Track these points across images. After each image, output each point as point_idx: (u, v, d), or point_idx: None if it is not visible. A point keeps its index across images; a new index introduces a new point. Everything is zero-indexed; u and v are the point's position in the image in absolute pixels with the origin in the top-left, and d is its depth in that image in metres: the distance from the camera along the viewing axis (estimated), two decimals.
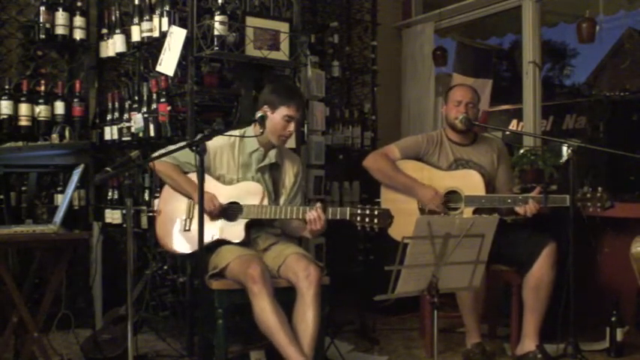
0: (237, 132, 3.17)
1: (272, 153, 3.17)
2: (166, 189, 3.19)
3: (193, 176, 3.07)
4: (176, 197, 3.13)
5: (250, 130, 3.18)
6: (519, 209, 3.30)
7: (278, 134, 3.10)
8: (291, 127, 3.10)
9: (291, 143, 3.76)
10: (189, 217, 3.08)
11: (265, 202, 3.04)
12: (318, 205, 2.96)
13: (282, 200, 3.19)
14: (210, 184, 3.02)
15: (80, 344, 3.41)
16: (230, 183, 3.11)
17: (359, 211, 2.90)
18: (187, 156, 3.03)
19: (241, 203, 3.04)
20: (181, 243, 3.09)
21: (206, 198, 2.78)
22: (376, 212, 2.88)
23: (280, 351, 2.77)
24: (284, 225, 3.20)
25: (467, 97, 3.53)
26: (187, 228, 3.08)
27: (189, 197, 3.08)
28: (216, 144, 3.08)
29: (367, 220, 2.88)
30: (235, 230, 3.04)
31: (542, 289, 3.30)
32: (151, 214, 3.71)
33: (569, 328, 3.20)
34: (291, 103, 3.08)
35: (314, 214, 2.93)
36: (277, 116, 3.08)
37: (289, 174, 3.24)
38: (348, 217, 2.92)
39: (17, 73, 4.08)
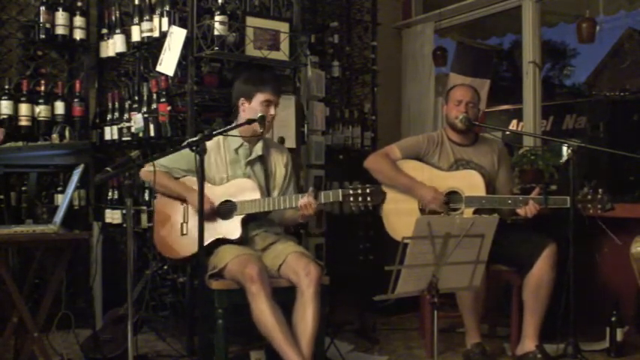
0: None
1: (258, 146, 3.18)
2: (159, 199, 3.21)
3: (184, 180, 3.10)
4: (170, 205, 3.15)
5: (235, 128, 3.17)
6: (520, 211, 3.30)
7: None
8: (272, 110, 3.10)
9: (291, 143, 3.76)
10: (185, 222, 3.09)
11: (258, 195, 3.04)
12: (311, 190, 2.95)
13: (275, 193, 3.20)
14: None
15: (80, 344, 3.41)
16: (221, 182, 3.12)
17: (351, 192, 2.87)
18: (176, 161, 3.08)
19: (235, 200, 3.05)
20: (180, 248, 3.09)
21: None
22: (368, 190, 2.86)
23: (278, 351, 2.77)
24: (279, 216, 3.20)
25: (467, 96, 3.53)
26: (184, 232, 3.08)
27: (183, 200, 3.09)
28: None
29: (360, 199, 2.86)
30: (231, 227, 3.04)
31: (543, 289, 3.29)
32: (150, 223, 3.71)
33: (569, 328, 3.21)
34: (265, 87, 3.08)
35: (305, 201, 2.92)
36: (255, 104, 3.08)
37: (279, 165, 3.25)
38: (340, 199, 2.90)
39: (17, 73, 4.07)
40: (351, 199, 2.87)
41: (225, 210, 3.05)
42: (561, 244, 3.31)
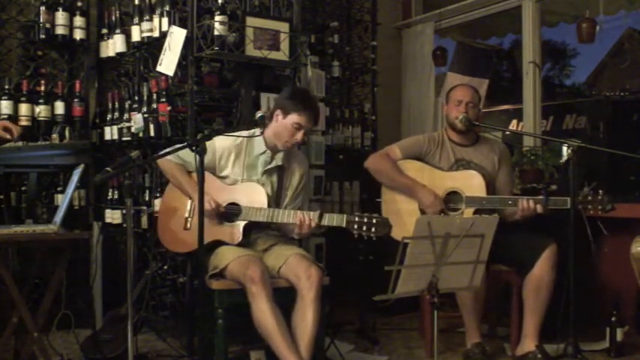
0: (245, 133, 3.16)
1: (279, 156, 3.16)
2: (170, 187, 3.21)
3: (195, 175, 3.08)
4: (179, 196, 3.14)
5: (258, 132, 3.16)
6: (518, 205, 3.28)
7: (284, 140, 3.07)
8: (299, 135, 3.05)
9: None
10: (190, 216, 3.09)
11: (265, 204, 3.03)
12: (317, 212, 2.94)
13: (285, 203, 3.18)
14: (214, 184, 3.02)
15: (80, 344, 3.41)
16: (234, 184, 3.11)
17: (356, 219, 2.84)
18: (190, 155, 3.03)
19: (241, 204, 3.04)
20: (181, 242, 3.09)
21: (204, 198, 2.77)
22: (374, 220, 2.82)
23: (277, 353, 2.77)
24: (280, 227, 3.19)
25: (467, 96, 3.53)
26: (188, 227, 3.08)
27: (190, 197, 3.09)
28: (222, 145, 3.07)
29: (364, 228, 2.82)
30: (232, 231, 3.03)
31: (543, 289, 3.29)
32: (151, 215, 3.72)
33: (569, 328, 3.20)
34: (304, 112, 3.03)
35: (304, 217, 2.91)
36: (288, 122, 3.04)
37: (295, 177, 3.23)
38: (344, 225, 2.87)
39: (17, 73, 4.07)
40: (355, 226, 2.83)
41: (230, 213, 3.05)
42: (561, 243, 3.31)
